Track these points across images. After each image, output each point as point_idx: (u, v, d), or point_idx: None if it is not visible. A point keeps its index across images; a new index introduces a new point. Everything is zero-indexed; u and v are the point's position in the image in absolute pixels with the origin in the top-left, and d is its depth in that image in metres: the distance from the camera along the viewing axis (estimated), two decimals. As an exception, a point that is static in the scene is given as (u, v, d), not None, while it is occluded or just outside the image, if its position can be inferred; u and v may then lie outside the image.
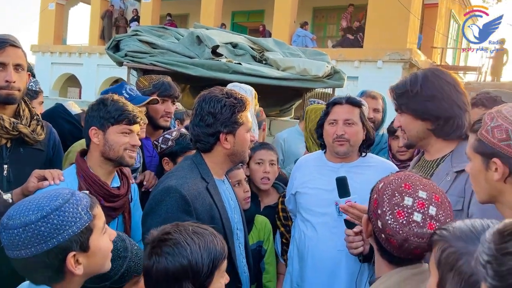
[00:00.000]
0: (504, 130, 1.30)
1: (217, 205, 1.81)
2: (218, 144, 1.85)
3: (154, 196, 1.77)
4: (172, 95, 2.73)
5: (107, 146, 1.90)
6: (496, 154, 1.32)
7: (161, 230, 1.38)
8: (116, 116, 1.89)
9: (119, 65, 4.69)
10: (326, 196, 2.14)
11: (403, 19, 12.30)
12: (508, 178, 1.32)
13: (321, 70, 4.49)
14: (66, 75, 18.78)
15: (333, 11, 16.85)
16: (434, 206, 1.21)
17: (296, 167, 2.44)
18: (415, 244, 1.19)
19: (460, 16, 19.62)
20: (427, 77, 1.85)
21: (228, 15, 17.82)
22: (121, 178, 2.06)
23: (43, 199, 1.21)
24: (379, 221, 1.24)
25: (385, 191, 1.25)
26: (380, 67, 12.41)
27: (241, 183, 2.43)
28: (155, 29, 5.10)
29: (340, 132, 2.16)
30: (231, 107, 1.81)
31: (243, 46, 4.91)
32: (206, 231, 1.38)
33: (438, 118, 1.81)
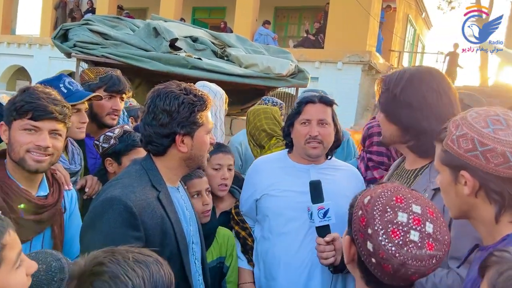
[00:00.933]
0: (470, 140, 1.17)
1: (169, 218, 1.57)
2: (173, 147, 1.60)
3: (94, 208, 1.51)
4: (120, 91, 2.46)
5: (9, 145, 1.59)
6: (464, 166, 1.18)
7: (92, 259, 1.07)
8: (18, 108, 1.55)
9: (67, 57, 4.33)
10: (299, 199, 1.99)
11: (363, 21, 12.48)
12: (479, 192, 1.18)
13: (285, 68, 4.34)
14: (14, 67, 17.81)
15: (295, 11, 16.91)
16: (431, 222, 1.04)
17: (255, 171, 2.25)
18: (414, 269, 1.00)
19: (417, 21, 20.27)
20: (411, 80, 1.69)
21: (188, 10, 17.48)
22: (51, 184, 1.75)
23: None
24: (370, 242, 1.04)
25: (374, 206, 1.06)
26: (340, 68, 12.52)
27: (200, 194, 2.16)
28: (109, 19, 4.76)
29: (314, 133, 2.01)
30: (190, 105, 1.57)
31: (204, 41, 4.68)
32: (150, 258, 1.09)
33: (408, 129, 1.68)
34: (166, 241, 1.54)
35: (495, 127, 1.16)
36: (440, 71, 1.83)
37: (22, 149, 1.57)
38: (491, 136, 1.15)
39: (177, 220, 1.62)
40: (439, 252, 1.01)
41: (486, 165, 1.15)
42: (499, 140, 1.14)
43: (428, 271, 1.01)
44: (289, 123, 2.12)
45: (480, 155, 1.15)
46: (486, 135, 1.15)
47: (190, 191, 2.08)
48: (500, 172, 1.14)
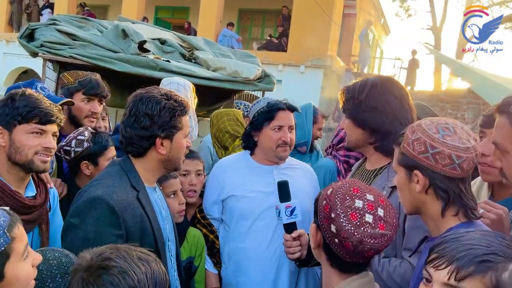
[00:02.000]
0: (423, 143, 1.36)
1: (148, 216, 1.66)
2: (153, 149, 1.68)
3: (77, 208, 1.57)
4: (99, 94, 2.51)
5: (13, 149, 1.64)
6: (417, 167, 1.38)
7: (99, 254, 1.17)
8: (25, 113, 1.63)
9: (33, 56, 4.26)
10: (266, 198, 2.13)
11: (325, 26, 12.80)
12: (429, 190, 1.38)
13: (252, 73, 4.47)
14: (-35, 62, 16.91)
15: (259, 14, 17.07)
16: (382, 208, 1.24)
17: (220, 171, 2.34)
18: (369, 245, 1.19)
19: (376, 27, 20.94)
20: (375, 87, 1.85)
21: (151, 9, 17.24)
22: (37, 185, 1.80)
23: None
24: (333, 225, 1.23)
25: (336, 195, 1.26)
26: (303, 72, 12.81)
27: (176, 194, 2.22)
28: (76, 20, 4.72)
29: (288, 139, 2.19)
30: (171, 110, 1.66)
31: (172, 43, 4.73)
32: (150, 257, 1.20)
33: (375, 131, 1.83)
34: (145, 238, 1.62)
35: (444, 133, 1.36)
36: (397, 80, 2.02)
37: (30, 152, 1.65)
38: (440, 141, 1.34)
39: (155, 219, 1.70)
40: (389, 232, 1.22)
41: (435, 166, 1.34)
42: (447, 144, 1.34)
43: (381, 247, 1.21)
44: (258, 127, 2.22)
45: (430, 156, 1.34)
46: (436, 140, 1.35)
47: (167, 191, 2.15)
48: (446, 172, 1.34)
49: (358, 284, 1.26)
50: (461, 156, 1.32)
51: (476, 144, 1.38)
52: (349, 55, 16.14)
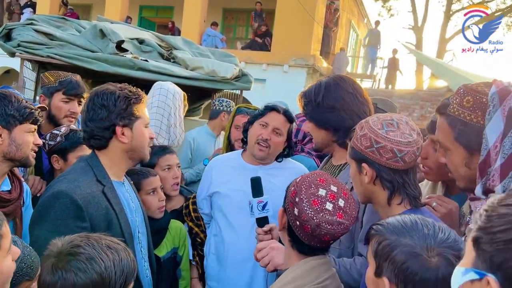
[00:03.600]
0: (368, 138, 1.48)
1: (114, 209, 1.72)
2: (115, 139, 1.75)
3: (42, 202, 1.64)
4: (78, 94, 2.56)
5: (14, 146, 1.77)
6: (365, 160, 1.49)
7: (69, 242, 1.23)
8: (25, 114, 1.78)
9: (11, 56, 4.28)
10: (246, 197, 2.12)
11: (308, 26, 12.93)
12: (376, 181, 1.49)
13: (229, 72, 4.54)
14: None
15: (243, 13, 17.11)
16: (343, 200, 1.35)
17: (211, 167, 2.42)
18: (326, 230, 1.29)
19: (359, 27, 21.19)
20: (329, 87, 1.93)
21: (135, 8, 17.18)
22: (11, 180, 1.87)
23: None
24: (296, 208, 1.33)
25: (303, 182, 1.36)
26: (286, 71, 12.91)
27: (156, 191, 2.31)
28: (54, 19, 4.73)
29: (265, 136, 2.20)
30: (126, 98, 1.74)
31: (150, 43, 4.78)
32: (119, 246, 1.27)
33: (338, 129, 1.90)
34: (111, 230, 1.67)
35: (388, 129, 1.48)
36: (348, 76, 2.09)
37: (28, 149, 1.81)
38: (383, 136, 1.46)
39: (122, 211, 1.77)
40: (346, 221, 1.33)
41: (380, 159, 1.46)
42: (389, 139, 1.45)
43: (336, 234, 1.32)
44: (251, 121, 2.31)
45: (375, 151, 1.46)
46: (380, 135, 1.46)
47: (146, 188, 2.24)
48: (390, 164, 1.46)
49: (313, 264, 1.37)
50: (403, 150, 1.44)
51: (418, 137, 1.49)
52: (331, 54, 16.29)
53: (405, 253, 1.04)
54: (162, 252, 2.35)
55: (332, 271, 1.41)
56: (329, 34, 14.95)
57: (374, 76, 17.08)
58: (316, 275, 1.34)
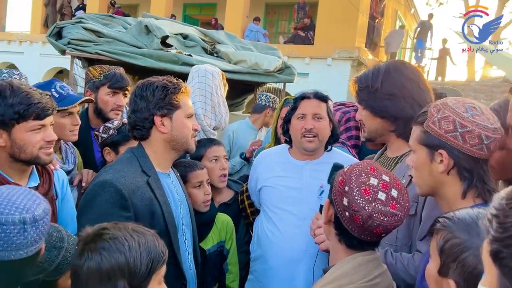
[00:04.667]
0: (452, 122, 1.33)
1: (158, 200, 1.73)
2: (155, 129, 1.76)
3: (88, 191, 1.67)
4: (123, 87, 2.59)
5: (16, 148, 1.60)
6: (443, 146, 1.34)
7: (97, 227, 1.26)
8: (22, 111, 1.55)
9: (62, 54, 4.45)
10: (291, 193, 2.11)
11: (352, 17, 12.62)
12: (451, 170, 1.35)
13: (272, 64, 4.49)
14: (4, 64, 17.65)
15: (285, 8, 16.98)
16: (396, 190, 1.24)
17: (258, 161, 2.39)
18: (378, 221, 1.20)
19: (406, 17, 20.49)
20: (388, 72, 1.79)
21: (179, 6, 17.49)
22: (41, 173, 1.79)
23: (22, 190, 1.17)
24: (345, 198, 1.24)
25: (352, 171, 1.26)
26: (330, 64, 12.66)
27: (202, 185, 2.29)
28: (101, 17, 4.88)
29: (309, 126, 2.10)
30: (163, 88, 1.74)
31: (194, 38, 4.81)
32: (147, 232, 1.28)
33: (397, 118, 1.77)
34: (155, 221, 1.69)
35: (473, 113, 1.33)
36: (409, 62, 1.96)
37: (35, 148, 1.63)
38: (470, 120, 1.31)
39: (166, 203, 1.77)
40: (400, 212, 1.22)
41: (462, 145, 1.31)
42: (477, 124, 1.30)
43: (390, 225, 1.21)
44: (287, 119, 2.22)
45: (459, 136, 1.31)
46: (467, 118, 1.31)
47: (193, 182, 2.23)
48: (473, 152, 1.31)
49: (361, 260, 1.27)
50: (490, 136, 1.29)
51: (500, 126, 1.35)
52: (378, 46, 15.85)
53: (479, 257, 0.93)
54: (207, 245, 2.33)
55: (382, 268, 1.30)
56: (374, 25, 14.53)
57: (422, 68, 16.47)
58: (364, 272, 1.25)
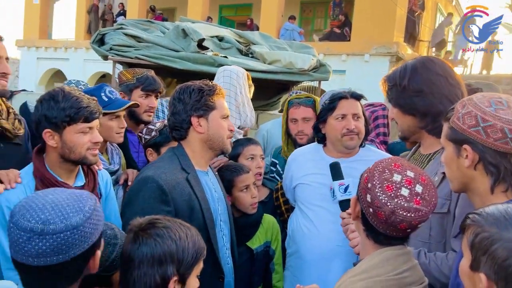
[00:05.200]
0: (474, 117, 1.32)
1: (197, 196, 1.81)
2: (192, 130, 1.86)
3: (132, 187, 1.80)
4: (155, 90, 2.69)
5: (66, 149, 1.74)
6: (467, 141, 1.34)
7: (148, 217, 1.40)
8: (72, 114, 1.70)
9: (104, 59, 4.66)
10: (325, 190, 2.13)
11: (390, 11, 12.35)
12: (477, 165, 1.34)
13: (307, 63, 4.51)
14: (52, 70, 18.55)
15: (321, 5, 16.86)
16: (421, 185, 1.24)
17: (292, 159, 2.43)
18: (401, 217, 1.21)
19: (447, 9, 19.81)
20: (415, 69, 1.78)
21: (215, 8, 17.72)
22: (86, 174, 1.91)
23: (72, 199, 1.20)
24: (369, 194, 1.26)
25: (376, 168, 1.29)
26: (367, 60, 12.46)
27: (249, 188, 2.33)
28: (140, 23, 5.07)
29: (351, 126, 2.14)
30: (199, 90, 1.85)
31: (229, 39, 4.91)
32: (192, 227, 1.41)
33: (426, 114, 1.76)
34: (194, 216, 1.78)
35: (497, 107, 1.31)
36: (438, 58, 1.94)
37: (83, 149, 1.76)
38: (492, 114, 1.30)
39: (204, 198, 1.86)
40: (424, 208, 1.22)
41: (486, 140, 1.30)
42: (499, 118, 1.29)
43: (414, 221, 1.22)
44: (322, 119, 2.24)
45: (481, 130, 1.30)
46: (488, 113, 1.31)
47: (239, 186, 2.29)
48: (497, 146, 1.29)
49: (389, 254, 1.28)
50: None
51: None
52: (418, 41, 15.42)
53: (508, 249, 0.93)
54: (254, 244, 2.38)
55: (412, 263, 1.31)
56: (414, 19, 14.14)
57: (465, 62, 15.86)
58: (393, 266, 1.26)
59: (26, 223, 1.11)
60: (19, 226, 1.12)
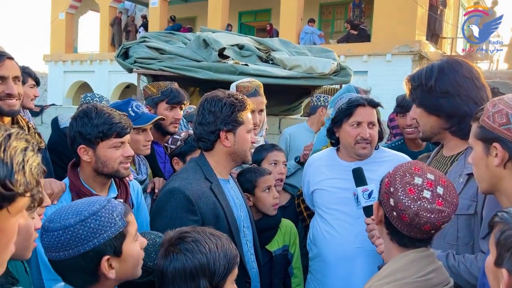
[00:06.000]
0: (505, 115, 1.33)
1: (221, 204, 1.86)
2: (219, 142, 1.90)
3: (159, 199, 1.85)
4: (180, 102, 2.76)
5: (100, 163, 1.82)
6: (497, 139, 1.34)
7: (178, 231, 1.42)
8: (105, 130, 1.78)
9: (129, 72, 4.80)
10: (342, 194, 2.18)
11: (411, 9, 12.19)
12: (507, 164, 1.34)
13: (327, 67, 4.53)
14: (78, 82, 19.03)
15: (340, 7, 16.76)
16: (441, 187, 1.27)
17: (308, 165, 2.47)
18: (425, 219, 1.23)
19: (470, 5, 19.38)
20: (442, 70, 1.78)
21: (235, 15, 17.86)
22: (118, 185, 1.99)
23: (82, 204, 1.26)
24: (392, 198, 1.28)
25: (396, 172, 1.31)
26: (390, 60, 12.31)
27: (270, 189, 2.38)
28: (162, 35, 5.21)
29: (366, 135, 2.14)
30: (231, 106, 1.87)
31: (249, 47, 4.98)
32: (222, 236, 1.43)
33: (452, 116, 1.76)
34: (219, 223, 1.83)
35: None
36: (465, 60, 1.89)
37: (116, 163, 1.84)
38: None
39: (228, 207, 1.91)
40: (447, 208, 1.25)
41: None
42: None
43: (438, 222, 1.24)
44: (338, 123, 2.24)
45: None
46: None
47: (262, 186, 2.34)
48: None
49: (413, 257, 1.30)
50: None
51: None
52: (440, 38, 15.14)
53: None
54: (273, 247, 2.42)
55: (436, 264, 1.33)
56: (436, 16, 13.91)
57: (491, 57, 15.48)
58: (417, 268, 1.28)
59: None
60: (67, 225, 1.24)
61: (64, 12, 19.07)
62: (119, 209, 1.29)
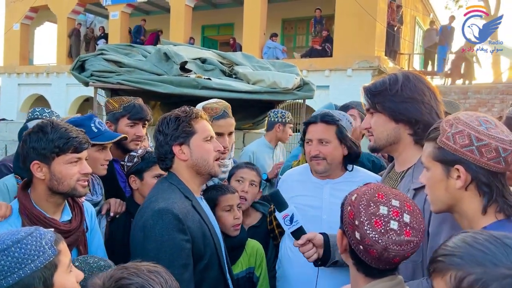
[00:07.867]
0: (467, 136, 1.29)
1: (205, 222, 1.80)
2: (177, 158, 1.84)
3: (145, 222, 1.69)
4: (142, 118, 2.63)
5: (55, 181, 1.69)
6: (459, 161, 1.31)
7: (110, 277, 1.11)
8: (61, 145, 1.67)
9: (85, 85, 4.60)
10: (310, 212, 2.13)
11: (370, 26, 12.57)
12: (469, 186, 1.31)
13: (291, 82, 4.52)
14: (34, 96, 18.37)
15: (302, 22, 17.08)
16: (408, 214, 1.21)
17: (282, 181, 2.43)
18: (394, 252, 1.17)
19: (425, 23, 20.27)
20: (408, 78, 1.77)
21: (198, 29, 17.83)
22: (72, 207, 1.85)
23: (5, 234, 1.14)
24: (357, 232, 1.21)
25: (360, 201, 1.23)
26: (350, 75, 12.61)
27: (232, 209, 2.28)
28: (121, 47, 5.04)
29: (314, 153, 2.14)
30: (176, 118, 1.82)
31: (212, 61, 4.90)
32: (159, 269, 1.17)
33: (418, 122, 1.73)
34: (206, 241, 1.76)
35: (487, 126, 1.29)
36: None
37: (72, 180, 1.71)
38: (486, 133, 1.28)
39: (211, 224, 1.84)
40: (415, 238, 1.18)
41: (479, 159, 1.28)
42: (493, 137, 1.27)
43: (407, 254, 1.18)
44: (301, 143, 2.30)
45: (475, 150, 1.28)
46: (482, 132, 1.28)
47: (223, 205, 2.24)
48: (491, 166, 1.27)
49: (382, 287, 1.24)
50: (507, 149, 1.26)
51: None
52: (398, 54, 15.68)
53: (505, 286, 0.87)
54: (236, 270, 2.31)
55: None
56: (393, 33, 14.40)
57: (446, 73, 16.15)
58: None
59: None
60: None
61: (19, 23, 18.41)
62: (48, 237, 1.16)
